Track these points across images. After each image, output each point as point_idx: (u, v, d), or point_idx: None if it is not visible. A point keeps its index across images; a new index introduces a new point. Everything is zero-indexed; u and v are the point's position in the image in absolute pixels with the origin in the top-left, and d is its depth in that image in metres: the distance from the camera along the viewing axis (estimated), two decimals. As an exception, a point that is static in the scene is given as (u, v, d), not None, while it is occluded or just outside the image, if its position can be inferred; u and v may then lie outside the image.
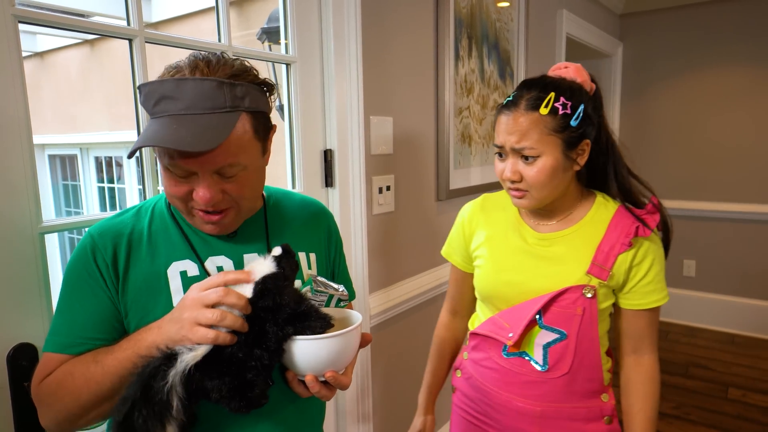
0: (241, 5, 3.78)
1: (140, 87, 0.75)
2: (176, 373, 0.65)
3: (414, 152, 1.89)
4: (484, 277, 1.12)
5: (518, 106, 0.98)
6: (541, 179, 0.98)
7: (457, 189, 2.11)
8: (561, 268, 1.03)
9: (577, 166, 1.01)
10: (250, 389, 0.70)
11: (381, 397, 1.82)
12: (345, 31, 1.52)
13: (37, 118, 5.59)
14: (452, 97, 2.03)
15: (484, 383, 1.12)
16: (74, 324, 0.77)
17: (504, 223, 1.13)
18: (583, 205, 1.07)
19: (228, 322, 0.68)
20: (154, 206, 0.87)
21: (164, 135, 0.70)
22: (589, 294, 1.00)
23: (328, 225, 1.02)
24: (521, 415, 1.06)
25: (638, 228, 0.99)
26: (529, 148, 0.97)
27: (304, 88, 1.50)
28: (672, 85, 3.79)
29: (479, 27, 2.19)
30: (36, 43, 5.29)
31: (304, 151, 1.51)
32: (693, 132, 3.75)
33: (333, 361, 0.75)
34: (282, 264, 0.74)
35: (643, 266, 1.01)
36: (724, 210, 3.66)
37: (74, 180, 5.84)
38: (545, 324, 1.02)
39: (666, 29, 3.77)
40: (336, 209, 1.59)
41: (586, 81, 1.03)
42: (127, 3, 1.08)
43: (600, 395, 1.06)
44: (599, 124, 1.03)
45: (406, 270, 1.90)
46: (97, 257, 0.78)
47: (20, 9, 0.90)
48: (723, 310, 3.73)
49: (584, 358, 1.02)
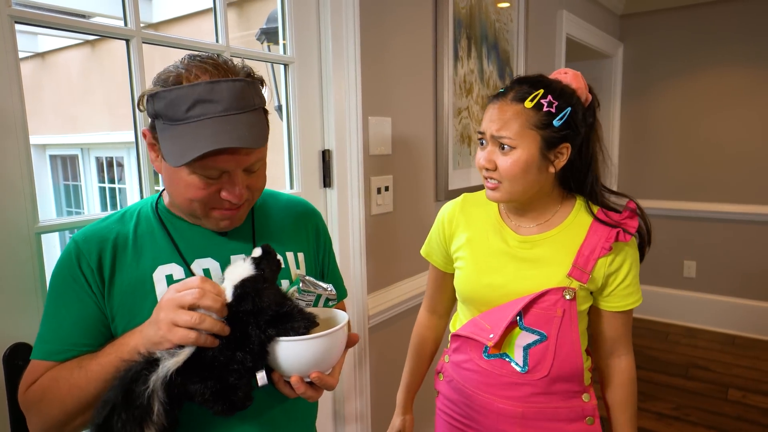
0: (241, 6, 3.78)
1: (157, 94, 0.73)
2: (157, 378, 0.65)
3: (413, 153, 1.89)
4: (464, 279, 1.12)
5: (506, 96, 1.00)
6: (514, 171, 0.99)
7: (456, 189, 2.11)
8: (542, 270, 1.04)
9: (553, 168, 1.01)
10: (233, 392, 0.69)
11: (378, 397, 1.82)
12: (343, 32, 1.52)
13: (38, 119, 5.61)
14: (451, 98, 2.03)
15: (465, 385, 1.12)
16: (60, 331, 0.77)
17: (485, 224, 1.13)
18: (564, 209, 1.08)
19: (207, 325, 0.67)
20: (139, 211, 0.86)
21: (229, 136, 0.72)
22: (568, 296, 1.01)
23: (316, 224, 1.02)
24: (502, 417, 1.07)
25: (618, 233, 1.01)
26: (507, 138, 0.97)
27: (302, 89, 1.50)
28: (672, 86, 3.79)
29: (478, 27, 2.19)
30: (37, 43, 5.30)
31: (302, 152, 1.52)
32: (693, 133, 3.74)
33: (318, 362, 0.74)
34: (262, 265, 0.73)
35: (622, 270, 1.03)
36: (724, 211, 3.65)
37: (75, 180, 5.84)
38: (526, 325, 1.03)
39: (666, 30, 3.77)
40: (334, 210, 1.59)
41: (581, 89, 1.03)
42: (124, 4, 1.08)
43: (581, 395, 1.07)
44: (587, 135, 1.04)
45: (405, 270, 1.90)
46: (81, 263, 0.78)
47: (16, 9, 0.91)
48: (723, 311, 3.72)
49: (564, 359, 1.03)
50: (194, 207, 0.79)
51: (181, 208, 0.81)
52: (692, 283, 3.85)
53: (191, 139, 0.72)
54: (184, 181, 0.76)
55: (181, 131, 0.73)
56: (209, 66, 0.75)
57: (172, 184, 0.79)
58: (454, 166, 2.09)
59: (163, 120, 0.74)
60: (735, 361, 3.27)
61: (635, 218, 1.03)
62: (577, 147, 1.02)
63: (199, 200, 0.78)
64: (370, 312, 1.70)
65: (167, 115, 0.73)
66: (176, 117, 0.73)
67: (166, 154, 0.74)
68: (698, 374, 3.10)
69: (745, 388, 2.92)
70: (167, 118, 0.74)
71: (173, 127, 0.73)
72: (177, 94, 0.72)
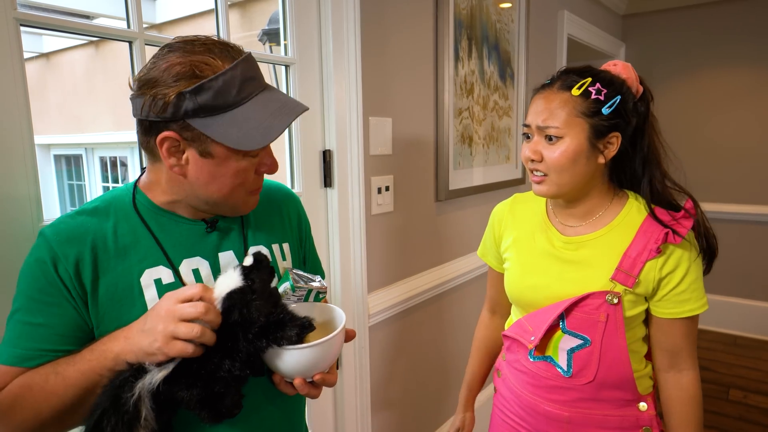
0: (244, 7, 3.80)
1: (201, 86, 0.69)
2: (143, 386, 0.65)
3: (413, 153, 1.90)
4: (510, 280, 1.12)
5: (553, 86, 0.98)
6: (562, 162, 0.95)
7: (457, 189, 2.12)
8: (585, 273, 1.00)
9: (602, 158, 0.98)
10: (220, 401, 0.69)
11: (379, 396, 1.83)
12: (344, 33, 1.53)
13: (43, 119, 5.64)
14: (452, 98, 2.04)
15: (516, 385, 1.12)
16: (33, 336, 0.72)
17: (531, 224, 1.12)
18: (614, 207, 1.03)
19: (207, 339, 0.66)
20: (114, 206, 0.80)
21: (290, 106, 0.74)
22: (613, 301, 0.96)
23: (297, 210, 1.01)
24: (550, 420, 1.05)
25: (667, 234, 0.95)
26: (554, 128, 0.95)
27: (302, 90, 1.51)
28: (674, 86, 3.78)
29: (479, 28, 2.20)
30: (42, 44, 5.34)
31: (302, 152, 1.53)
32: (695, 133, 3.74)
33: (319, 365, 0.74)
34: (251, 276, 0.71)
35: (676, 274, 0.97)
36: (726, 211, 3.65)
37: (79, 180, 5.88)
38: (568, 329, 1.01)
39: (669, 30, 3.77)
40: (335, 209, 1.60)
41: (631, 79, 1.00)
42: (127, 5, 1.09)
43: (636, 404, 1.02)
44: (641, 127, 1.00)
45: (405, 270, 1.91)
46: (58, 267, 0.72)
47: (22, 12, 0.92)
48: (726, 312, 3.72)
49: (611, 366, 0.99)
50: (238, 195, 0.78)
51: (221, 201, 0.78)
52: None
53: (262, 117, 0.71)
54: (234, 168, 0.75)
55: (239, 115, 0.71)
56: (219, 46, 0.74)
57: (215, 178, 0.75)
58: (455, 167, 2.10)
59: (204, 113, 0.70)
60: (737, 361, 3.27)
61: (690, 219, 0.97)
62: (628, 138, 0.98)
63: (247, 184, 0.78)
64: (370, 311, 1.71)
65: (215, 105, 0.70)
66: (227, 103, 0.71)
67: (234, 142, 0.71)
68: (700, 374, 3.10)
69: (746, 388, 2.92)
70: (214, 109, 0.70)
71: (225, 114, 0.71)
72: (224, 80, 0.70)
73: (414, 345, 1.96)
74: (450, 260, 2.15)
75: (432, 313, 2.05)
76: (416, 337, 1.97)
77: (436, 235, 2.06)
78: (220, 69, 0.71)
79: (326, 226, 1.63)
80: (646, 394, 1.04)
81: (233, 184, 0.77)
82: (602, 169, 1.01)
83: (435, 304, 2.05)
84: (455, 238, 2.18)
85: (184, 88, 0.69)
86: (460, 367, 2.27)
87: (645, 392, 1.04)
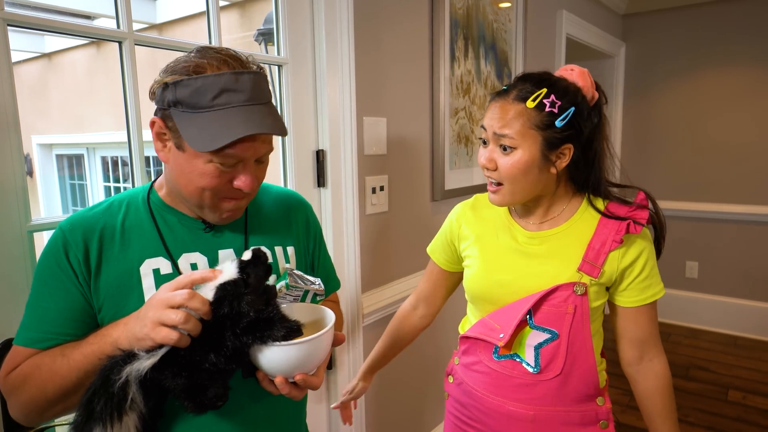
0: (243, 6, 3.80)
1: (181, 82, 0.74)
2: (131, 370, 0.66)
3: (409, 153, 1.90)
4: (474, 277, 1.11)
5: (509, 94, 0.98)
6: (514, 172, 0.98)
7: (453, 189, 2.12)
8: (551, 266, 1.02)
9: (554, 168, 0.99)
10: (203, 392, 0.70)
11: (373, 396, 1.83)
12: (337, 32, 1.53)
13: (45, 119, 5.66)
14: (447, 98, 2.04)
15: (475, 388, 1.11)
16: (44, 319, 0.78)
17: (494, 222, 1.13)
18: (573, 204, 1.06)
19: (190, 326, 0.68)
20: (128, 201, 0.86)
21: (260, 123, 0.76)
22: (579, 291, 0.98)
23: (306, 216, 1.03)
24: (513, 420, 1.05)
25: (629, 224, 0.98)
26: (508, 137, 0.96)
27: (295, 89, 1.51)
28: (675, 86, 3.77)
29: (476, 28, 2.19)
30: (44, 44, 5.35)
31: (295, 152, 1.53)
32: (696, 132, 3.73)
33: (302, 365, 0.74)
34: (247, 270, 0.72)
35: (638, 263, 1.00)
36: (727, 211, 3.63)
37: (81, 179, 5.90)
38: (536, 324, 1.01)
39: (669, 29, 3.75)
40: (328, 209, 1.60)
41: (587, 87, 1.00)
42: (117, 6, 1.10)
43: (595, 399, 1.04)
44: (591, 133, 1.01)
45: (400, 270, 1.91)
46: (69, 253, 0.78)
47: (9, 12, 0.93)
48: (725, 312, 3.70)
49: (577, 358, 1.01)
50: (204, 197, 0.80)
51: (189, 198, 0.81)
52: (694, 283, 3.84)
53: (221, 126, 0.74)
54: (199, 169, 0.77)
55: (207, 118, 0.74)
56: (227, 57, 0.77)
57: (183, 173, 0.79)
58: (451, 166, 2.10)
59: (183, 108, 0.75)
60: (736, 362, 3.25)
61: (645, 210, 1.00)
62: (581, 146, 1.00)
63: (211, 189, 0.79)
64: (364, 311, 1.71)
65: (190, 103, 0.74)
66: (201, 105, 0.74)
67: (191, 141, 0.74)
68: (699, 375, 3.09)
69: (745, 389, 2.91)
70: (189, 106, 0.75)
71: (197, 114, 0.74)
72: (203, 82, 0.74)
73: (409, 345, 1.95)
74: (446, 260, 2.14)
75: (427, 313, 2.04)
76: (411, 337, 1.97)
77: (432, 235, 2.05)
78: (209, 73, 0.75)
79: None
80: (602, 387, 1.07)
81: (198, 185, 0.79)
82: (555, 177, 1.03)
83: (430, 304, 2.05)
84: (451, 238, 2.18)
85: (172, 80, 0.75)
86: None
87: (601, 386, 1.06)
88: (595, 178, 1.05)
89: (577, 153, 1.00)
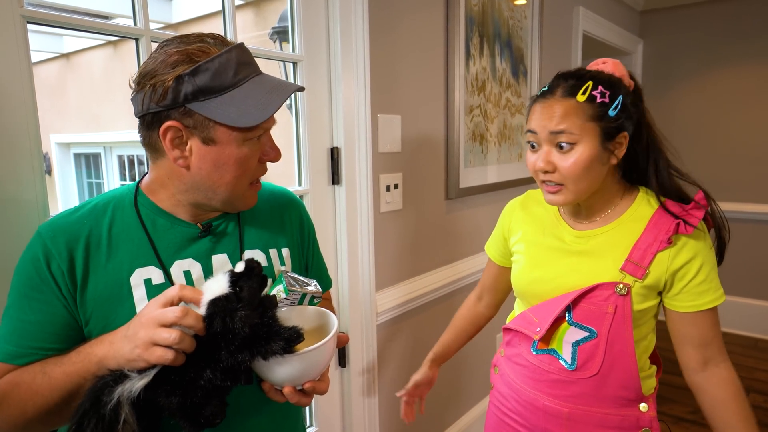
0: (258, 5, 3.81)
1: (198, 68, 0.71)
2: (123, 391, 0.63)
3: (423, 150, 1.88)
4: (518, 273, 1.12)
5: (554, 93, 0.96)
6: (578, 171, 0.94)
7: (468, 188, 2.10)
8: (594, 264, 1.00)
9: (615, 159, 0.97)
10: (199, 410, 0.67)
11: (387, 395, 1.82)
12: (352, 30, 1.52)
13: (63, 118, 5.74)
14: (463, 96, 2.02)
15: (515, 380, 1.11)
16: (24, 333, 0.72)
17: (543, 220, 1.12)
18: (624, 202, 1.03)
19: (185, 345, 0.64)
20: (114, 205, 0.80)
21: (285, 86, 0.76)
22: (622, 292, 0.95)
23: (300, 216, 1.00)
24: (549, 416, 1.04)
25: (679, 225, 0.94)
26: (567, 133, 0.93)
27: (310, 87, 1.51)
28: (694, 83, 3.71)
29: (491, 25, 2.17)
30: (62, 44, 5.43)
31: (310, 149, 1.53)
32: (716, 131, 3.66)
33: (309, 373, 0.72)
34: (240, 283, 0.68)
35: (692, 266, 0.95)
36: (748, 211, 3.56)
37: (98, 178, 5.98)
38: (574, 321, 1.00)
39: (688, 25, 3.69)
40: (342, 207, 1.60)
41: (624, 76, 1.00)
42: (134, 3, 1.10)
43: (638, 404, 1.00)
44: (639, 120, 1.00)
45: (415, 268, 1.90)
46: (51, 264, 0.72)
47: (28, 10, 0.93)
48: (746, 314, 3.63)
49: (616, 360, 0.97)
50: (240, 185, 0.78)
51: (224, 192, 0.78)
52: (713, 284, 3.76)
53: (257, 96, 0.73)
54: (236, 155, 0.75)
55: (236, 95, 0.73)
56: (208, 37, 0.76)
57: (217, 166, 0.75)
58: (466, 164, 2.09)
59: (204, 95, 0.72)
60: (757, 364, 3.19)
61: (701, 209, 0.96)
62: (633, 135, 0.99)
63: (251, 171, 0.79)
64: (378, 309, 1.70)
65: (213, 86, 0.72)
66: (225, 84, 0.73)
67: (235, 120, 0.72)
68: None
69: (766, 392, 2.85)
70: (213, 91, 0.72)
71: (224, 95, 0.72)
72: (219, 61, 0.72)
73: (422, 344, 1.95)
74: (460, 259, 2.13)
75: (445, 311, 2.03)
76: (425, 336, 1.96)
77: (446, 234, 2.04)
78: (215, 53, 0.74)
79: (334, 223, 1.62)
80: (648, 395, 1.03)
81: (236, 173, 0.77)
82: (614, 170, 1.02)
83: (445, 302, 2.04)
84: (465, 236, 2.16)
85: (182, 71, 0.71)
86: (469, 367, 2.25)
87: (647, 393, 1.03)
88: (655, 162, 1.01)
89: (631, 142, 0.98)
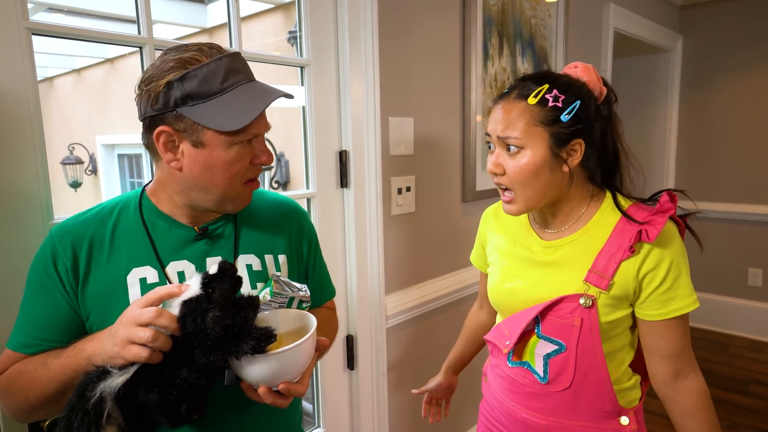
0: (288, 9, 3.87)
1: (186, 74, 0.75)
2: (105, 387, 0.67)
3: (437, 153, 1.86)
4: (492, 285, 1.11)
5: (510, 95, 0.95)
6: (524, 175, 0.93)
7: (485, 190, 2.07)
8: (560, 275, 0.98)
9: (567, 166, 0.94)
10: (175, 407, 0.69)
11: (395, 399, 1.81)
12: (361, 33, 1.52)
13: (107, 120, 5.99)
14: (480, 97, 1.99)
15: (497, 390, 1.11)
16: (32, 325, 0.79)
17: (514, 229, 1.10)
18: (591, 209, 1.00)
19: (159, 344, 0.67)
20: (120, 208, 0.87)
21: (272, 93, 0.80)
22: (586, 304, 0.93)
23: (300, 224, 1.01)
24: (527, 428, 1.03)
25: (641, 232, 0.90)
26: (513, 138, 0.92)
27: (318, 90, 1.52)
28: (737, 80, 3.52)
29: (511, 25, 2.13)
30: (107, 50, 5.68)
31: (318, 152, 1.54)
32: (759, 130, 3.46)
33: (284, 374, 0.73)
34: (212, 284, 0.70)
35: (658, 272, 0.91)
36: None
37: (140, 177, 6.22)
38: (543, 334, 0.98)
39: (731, 20, 3.50)
40: (351, 210, 1.60)
41: (593, 81, 0.96)
42: (138, 11, 1.14)
43: (617, 417, 0.98)
44: (604, 130, 0.97)
45: (427, 272, 1.88)
46: (57, 261, 0.80)
47: (33, 22, 0.97)
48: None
49: (588, 373, 0.95)
50: (233, 186, 0.81)
51: (216, 193, 0.81)
52: (758, 292, 3.57)
53: (242, 102, 0.77)
54: (224, 157, 0.78)
55: (223, 101, 0.76)
56: (204, 47, 0.80)
57: (208, 168, 0.79)
58: (483, 167, 2.05)
59: (193, 101, 0.76)
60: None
61: (665, 215, 0.91)
62: (593, 142, 0.95)
63: (242, 173, 0.81)
64: (388, 312, 1.70)
65: (201, 91, 0.76)
66: (212, 90, 0.76)
67: (220, 124, 0.75)
68: (758, 391, 2.87)
69: None
70: (201, 96, 0.76)
71: (211, 101, 0.76)
72: (208, 69, 0.76)
73: (433, 348, 1.93)
74: (477, 263, 2.10)
75: (456, 316, 2.00)
76: (435, 341, 1.94)
77: (462, 237, 2.01)
78: (206, 61, 0.77)
79: (343, 226, 1.63)
80: (630, 408, 0.99)
81: (225, 174, 0.80)
82: (570, 176, 0.97)
83: (459, 306, 2.01)
84: (483, 240, 2.13)
85: (173, 77, 0.75)
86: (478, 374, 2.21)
87: (628, 406, 0.99)
88: (614, 176, 1.00)
89: (590, 149, 0.95)
